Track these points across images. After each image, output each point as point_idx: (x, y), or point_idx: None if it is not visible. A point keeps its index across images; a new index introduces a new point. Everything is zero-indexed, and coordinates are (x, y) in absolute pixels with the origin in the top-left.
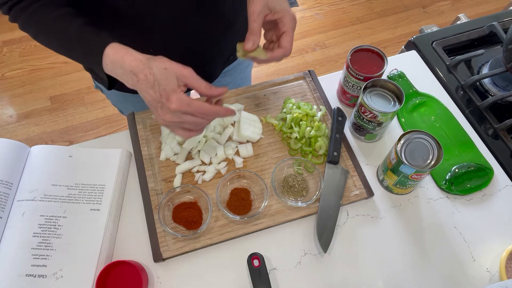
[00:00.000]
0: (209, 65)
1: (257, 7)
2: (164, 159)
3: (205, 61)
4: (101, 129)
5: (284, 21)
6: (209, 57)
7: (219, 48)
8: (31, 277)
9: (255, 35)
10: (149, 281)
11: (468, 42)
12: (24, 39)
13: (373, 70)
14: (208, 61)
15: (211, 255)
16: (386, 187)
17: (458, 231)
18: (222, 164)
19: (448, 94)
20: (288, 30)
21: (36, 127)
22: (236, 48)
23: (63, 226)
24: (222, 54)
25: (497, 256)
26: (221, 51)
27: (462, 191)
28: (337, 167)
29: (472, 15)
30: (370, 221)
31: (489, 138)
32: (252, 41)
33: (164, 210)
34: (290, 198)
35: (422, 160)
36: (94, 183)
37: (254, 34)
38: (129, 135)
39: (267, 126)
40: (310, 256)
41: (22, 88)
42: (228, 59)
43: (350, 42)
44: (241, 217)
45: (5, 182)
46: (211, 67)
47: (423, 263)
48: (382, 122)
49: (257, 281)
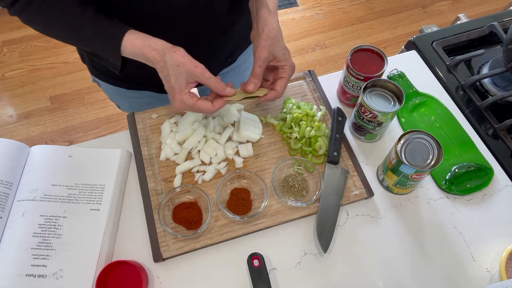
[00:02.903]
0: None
1: (263, 53)
2: (164, 159)
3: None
4: (101, 129)
5: (285, 69)
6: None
7: (214, 50)
8: (31, 277)
9: (258, 79)
10: (149, 281)
11: (468, 42)
12: (24, 39)
13: (373, 70)
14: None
15: (211, 255)
16: (386, 187)
17: (458, 231)
18: (222, 164)
19: (448, 94)
20: (285, 77)
21: (36, 127)
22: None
23: (63, 226)
24: (218, 56)
25: (497, 256)
26: (217, 53)
27: (462, 191)
28: (337, 167)
29: (472, 15)
30: (370, 221)
31: (489, 138)
32: (254, 84)
33: (164, 210)
34: (290, 198)
35: (422, 160)
36: (94, 183)
37: (257, 78)
38: (129, 135)
39: (267, 126)
40: (310, 256)
41: (22, 88)
42: (225, 61)
43: (350, 42)
44: (241, 217)
45: (5, 182)
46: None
47: (423, 263)
48: (382, 122)
49: (257, 281)
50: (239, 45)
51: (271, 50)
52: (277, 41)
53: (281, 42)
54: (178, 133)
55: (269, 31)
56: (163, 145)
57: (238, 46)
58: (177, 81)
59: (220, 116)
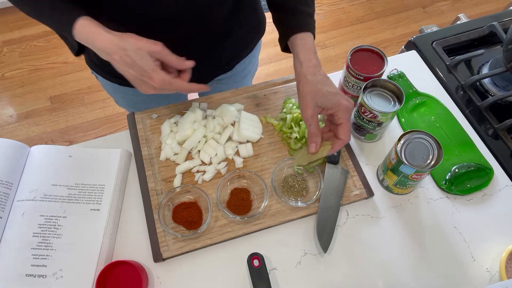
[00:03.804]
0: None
1: (308, 112)
2: (164, 159)
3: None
4: (101, 129)
5: (339, 115)
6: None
7: (209, 56)
8: (31, 277)
9: (316, 136)
10: (149, 281)
11: (468, 42)
12: (24, 39)
13: (373, 70)
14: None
15: (211, 255)
16: (386, 187)
17: (458, 231)
18: (222, 164)
19: (448, 94)
20: (344, 122)
21: (36, 127)
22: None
23: (63, 226)
24: (213, 63)
25: (497, 256)
26: (212, 60)
27: (462, 191)
28: (337, 167)
29: (472, 15)
30: (370, 221)
31: (489, 138)
32: (314, 143)
33: (164, 210)
34: (290, 198)
35: (422, 160)
36: (94, 183)
37: (315, 136)
38: (129, 135)
39: (267, 126)
40: (310, 256)
41: (22, 88)
42: (222, 68)
43: (350, 42)
44: (241, 217)
45: (5, 182)
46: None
47: (423, 263)
48: (382, 122)
49: (257, 281)
50: (237, 53)
51: (314, 104)
52: (317, 92)
53: (322, 90)
54: (178, 133)
55: (303, 87)
56: (163, 145)
57: (236, 55)
58: (145, 62)
59: (220, 116)
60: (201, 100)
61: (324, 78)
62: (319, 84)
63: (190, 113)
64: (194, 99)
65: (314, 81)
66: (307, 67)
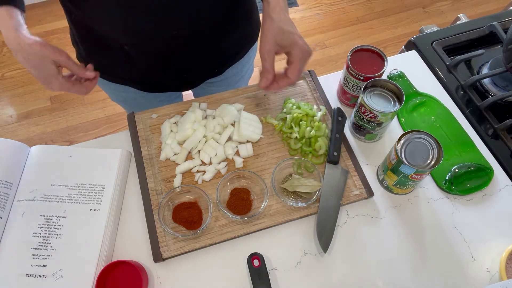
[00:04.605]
0: (187, 73)
1: (266, 46)
2: (164, 159)
3: (182, 69)
4: (101, 129)
5: (292, 53)
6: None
7: (197, 59)
8: (31, 277)
9: (268, 72)
10: (149, 281)
11: (468, 42)
12: None
13: (373, 70)
14: (185, 70)
15: (211, 255)
16: (386, 187)
17: (458, 231)
18: (222, 164)
19: (448, 94)
20: (295, 61)
21: (36, 127)
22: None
23: (63, 226)
24: (202, 66)
25: (497, 256)
26: (201, 63)
27: (462, 191)
28: (337, 167)
29: (472, 15)
30: (370, 221)
31: (489, 138)
32: (265, 78)
33: (164, 210)
34: (290, 198)
35: (422, 160)
36: (94, 183)
37: (266, 71)
38: (129, 135)
39: (267, 126)
40: (310, 256)
41: (22, 88)
42: (212, 72)
43: (350, 42)
44: (241, 217)
45: (5, 182)
46: (190, 76)
47: (423, 263)
48: (382, 122)
49: (257, 281)
50: (227, 60)
51: (273, 41)
52: (278, 30)
53: (283, 29)
54: (178, 133)
55: (266, 24)
56: (163, 145)
57: (226, 61)
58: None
59: (220, 116)
60: (201, 100)
61: (287, 20)
62: (282, 23)
63: (190, 113)
64: (194, 99)
65: (277, 19)
66: (273, 7)
